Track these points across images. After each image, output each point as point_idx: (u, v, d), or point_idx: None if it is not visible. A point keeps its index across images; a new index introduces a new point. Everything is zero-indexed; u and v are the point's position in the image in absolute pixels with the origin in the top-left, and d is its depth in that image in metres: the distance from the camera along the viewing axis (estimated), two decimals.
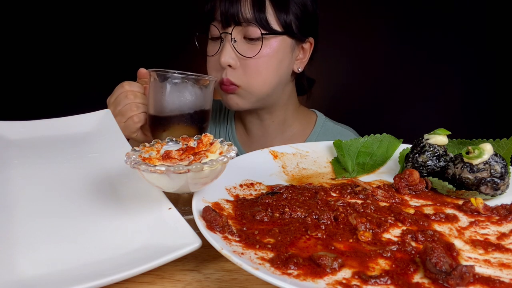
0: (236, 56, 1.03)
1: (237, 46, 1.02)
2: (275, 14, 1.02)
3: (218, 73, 1.06)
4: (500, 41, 2.37)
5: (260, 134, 1.25)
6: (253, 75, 1.04)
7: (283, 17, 1.03)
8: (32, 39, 2.92)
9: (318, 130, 1.25)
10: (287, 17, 1.03)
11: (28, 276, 0.46)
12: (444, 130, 0.72)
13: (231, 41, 1.02)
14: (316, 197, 0.64)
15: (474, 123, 2.39)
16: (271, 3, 1.02)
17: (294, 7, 1.05)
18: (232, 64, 1.02)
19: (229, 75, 1.04)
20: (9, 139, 0.79)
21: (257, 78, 1.05)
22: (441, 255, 0.43)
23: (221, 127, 1.33)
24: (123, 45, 2.90)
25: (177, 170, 0.52)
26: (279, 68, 1.07)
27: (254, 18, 1.00)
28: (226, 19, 1.01)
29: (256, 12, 1.00)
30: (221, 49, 1.03)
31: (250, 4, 1.00)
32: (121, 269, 0.44)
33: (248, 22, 1.00)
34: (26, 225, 0.56)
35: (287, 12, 1.03)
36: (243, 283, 0.49)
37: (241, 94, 1.07)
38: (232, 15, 1.00)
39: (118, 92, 0.97)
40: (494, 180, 0.64)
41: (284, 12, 1.03)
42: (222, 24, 1.02)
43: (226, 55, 1.01)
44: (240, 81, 1.05)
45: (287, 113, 1.23)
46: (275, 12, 1.02)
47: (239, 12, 0.99)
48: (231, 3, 1.00)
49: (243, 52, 1.02)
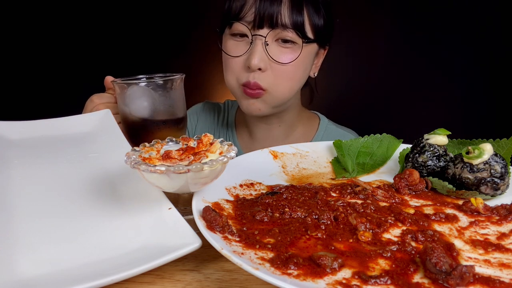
0: (267, 59, 0.98)
1: (269, 49, 0.98)
2: (310, 19, 0.99)
3: (243, 74, 1.01)
4: (500, 41, 2.37)
5: (264, 138, 1.23)
6: (282, 80, 1.00)
7: (316, 21, 1.00)
8: (32, 39, 2.92)
9: (321, 133, 1.24)
10: (319, 22, 1.01)
11: (28, 276, 0.46)
12: (444, 130, 0.72)
13: (264, 44, 0.97)
14: (316, 197, 0.64)
15: (474, 123, 2.39)
16: (307, 7, 0.98)
17: (323, 12, 1.02)
18: (263, 67, 0.98)
19: (257, 78, 0.99)
20: (9, 139, 0.79)
21: (286, 84, 1.02)
22: (441, 255, 0.43)
23: (220, 130, 1.31)
24: (123, 45, 2.90)
25: (177, 170, 0.52)
26: (304, 74, 1.06)
27: (292, 23, 0.96)
28: (261, 21, 0.95)
29: (294, 17, 0.96)
30: (251, 51, 0.98)
31: (289, 8, 0.95)
32: (121, 269, 0.44)
33: (285, 27, 0.96)
34: (26, 225, 0.56)
35: (320, 17, 1.01)
36: (243, 283, 0.49)
37: (265, 99, 1.03)
38: (269, 16, 0.95)
39: (89, 107, 0.93)
40: (494, 180, 0.64)
41: (317, 16, 1.00)
42: (255, 25, 0.97)
43: (258, 58, 0.96)
44: (268, 85, 1.00)
45: (293, 117, 1.21)
46: (311, 17, 0.99)
47: (278, 15, 0.95)
48: (271, 4, 0.95)
49: (275, 56, 0.98)
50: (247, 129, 1.26)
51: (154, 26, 2.88)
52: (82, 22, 2.91)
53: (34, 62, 2.94)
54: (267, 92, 1.02)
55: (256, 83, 0.99)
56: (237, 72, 1.03)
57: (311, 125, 1.27)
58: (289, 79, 1.02)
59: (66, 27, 2.91)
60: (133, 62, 2.67)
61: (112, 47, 2.91)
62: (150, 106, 0.86)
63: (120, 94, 0.88)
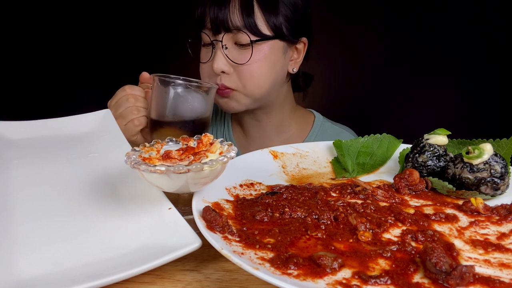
0: (228, 62, 1.03)
1: (228, 52, 1.03)
2: (264, 18, 1.02)
3: (212, 79, 1.07)
4: (500, 41, 2.37)
5: (258, 135, 1.26)
6: (247, 80, 1.05)
7: (272, 20, 1.03)
8: (32, 39, 2.92)
9: (316, 130, 1.25)
10: (277, 20, 1.03)
11: (28, 276, 0.46)
12: (444, 130, 0.72)
13: (222, 48, 1.02)
14: (316, 197, 0.64)
15: (474, 123, 2.39)
16: (260, 7, 1.01)
17: (284, 8, 1.04)
18: (226, 70, 1.03)
19: (223, 80, 1.05)
20: (9, 139, 0.79)
21: (251, 83, 1.05)
22: (441, 255, 0.43)
23: (218, 129, 1.34)
24: (123, 45, 2.90)
25: (177, 170, 0.52)
26: (272, 71, 1.08)
27: (243, 24, 1.00)
28: (216, 27, 1.01)
29: (245, 18, 0.99)
30: (213, 56, 1.04)
31: (239, 10, 1.00)
32: (121, 269, 0.44)
33: (238, 29, 1.00)
34: (26, 225, 0.56)
35: (277, 15, 1.03)
36: (243, 283, 0.49)
37: (236, 98, 1.08)
38: (221, 22, 1.00)
39: (119, 95, 0.98)
40: (494, 180, 0.64)
41: (273, 15, 1.02)
42: (213, 31, 1.03)
43: (219, 62, 1.02)
44: (235, 86, 1.06)
45: (284, 114, 1.23)
46: (264, 16, 1.02)
47: (228, 19, 0.99)
48: (220, 9, 1.00)
49: (234, 58, 1.03)
50: (241, 127, 1.29)
51: (154, 27, 2.88)
52: (82, 22, 2.91)
53: (34, 62, 2.94)
54: (236, 91, 1.07)
55: (223, 84, 1.05)
56: (207, 76, 1.09)
57: (305, 122, 1.28)
58: (254, 78, 1.05)
59: (66, 27, 2.91)
60: (133, 63, 2.67)
61: (112, 48, 2.91)
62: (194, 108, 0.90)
63: (158, 89, 0.89)
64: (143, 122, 0.97)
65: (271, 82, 1.09)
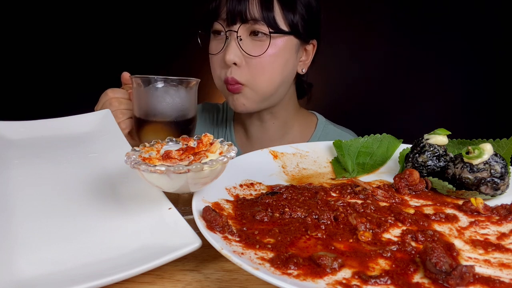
0: (241, 54, 1.02)
1: (242, 44, 1.01)
2: (283, 14, 1.02)
3: (222, 71, 1.05)
4: (500, 41, 2.37)
5: (260, 136, 1.25)
6: (258, 73, 1.03)
7: (290, 17, 1.03)
8: (32, 39, 2.92)
9: (319, 133, 1.25)
10: (294, 17, 1.03)
11: (28, 276, 0.46)
12: (444, 130, 0.72)
13: (237, 39, 1.01)
14: (316, 197, 0.64)
15: (474, 123, 2.39)
16: (279, 2, 1.01)
17: (300, 7, 1.05)
18: (238, 62, 1.01)
19: (233, 73, 1.03)
20: (9, 139, 0.79)
21: (262, 76, 1.04)
22: (441, 255, 0.43)
23: (219, 130, 1.32)
24: (123, 45, 2.90)
25: (177, 170, 0.52)
26: (284, 67, 1.07)
27: (262, 16, 0.99)
28: (232, 17, 1.00)
29: (264, 11, 0.99)
30: (226, 47, 1.02)
31: (258, 3, 0.99)
32: (121, 269, 0.44)
33: (256, 20, 0.99)
34: (26, 225, 0.56)
35: (294, 12, 1.03)
36: (243, 283, 0.49)
37: (246, 94, 1.07)
38: (239, 12, 0.99)
39: (103, 100, 0.97)
40: (494, 180, 0.64)
41: (291, 12, 1.03)
42: (228, 22, 1.01)
43: (232, 53, 1.00)
44: (244, 79, 1.04)
45: (288, 115, 1.22)
46: (283, 11, 1.02)
47: (246, 10, 0.99)
48: (239, 1, 0.99)
49: (248, 50, 1.01)
50: (244, 128, 1.28)
51: (154, 27, 2.88)
52: (82, 22, 2.91)
53: (34, 62, 2.94)
54: (246, 87, 1.05)
55: (233, 78, 1.03)
56: (218, 69, 1.07)
57: (308, 124, 1.28)
58: (265, 72, 1.04)
59: (66, 27, 2.91)
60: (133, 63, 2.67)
61: (112, 48, 2.91)
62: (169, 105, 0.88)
63: (138, 90, 0.89)
64: (129, 125, 0.97)
65: (281, 79, 1.08)
